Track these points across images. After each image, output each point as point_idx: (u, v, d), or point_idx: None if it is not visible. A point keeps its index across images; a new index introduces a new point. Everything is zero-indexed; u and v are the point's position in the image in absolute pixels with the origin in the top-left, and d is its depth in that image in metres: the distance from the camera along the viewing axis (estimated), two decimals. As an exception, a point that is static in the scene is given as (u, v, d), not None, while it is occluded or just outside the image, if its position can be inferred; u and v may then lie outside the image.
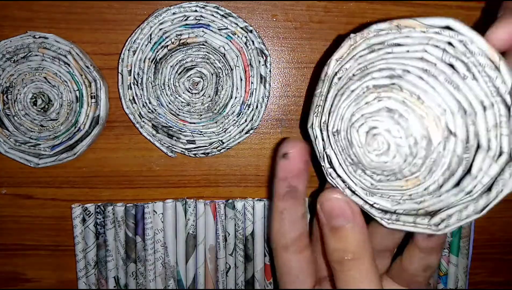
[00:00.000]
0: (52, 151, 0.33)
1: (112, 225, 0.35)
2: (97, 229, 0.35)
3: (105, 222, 0.34)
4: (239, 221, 0.35)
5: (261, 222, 0.35)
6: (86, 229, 0.35)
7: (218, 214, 0.35)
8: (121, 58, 0.31)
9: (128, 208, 0.34)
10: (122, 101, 0.32)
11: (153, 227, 0.35)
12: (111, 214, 0.34)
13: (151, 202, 0.35)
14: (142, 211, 0.34)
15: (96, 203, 0.35)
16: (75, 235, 0.35)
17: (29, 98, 0.32)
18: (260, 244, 0.35)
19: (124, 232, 0.35)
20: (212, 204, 0.35)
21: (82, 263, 0.35)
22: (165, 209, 0.35)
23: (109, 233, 0.35)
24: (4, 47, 0.31)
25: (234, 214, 0.35)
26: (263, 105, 0.32)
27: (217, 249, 0.35)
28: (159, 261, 0.35)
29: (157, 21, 0.31)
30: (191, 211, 0.35)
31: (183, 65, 0.32)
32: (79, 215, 0.35)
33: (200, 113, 0.32)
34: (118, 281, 0.35)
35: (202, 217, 0.35)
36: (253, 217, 0.35)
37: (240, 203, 0.35)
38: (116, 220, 0.34)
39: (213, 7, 0.31)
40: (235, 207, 0.35)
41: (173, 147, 0.33)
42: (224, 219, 0.35)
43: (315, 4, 0.33)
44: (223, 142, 0.33)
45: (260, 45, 0.32)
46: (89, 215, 0.35)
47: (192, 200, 0.35)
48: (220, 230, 0.35)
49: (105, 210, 0.34)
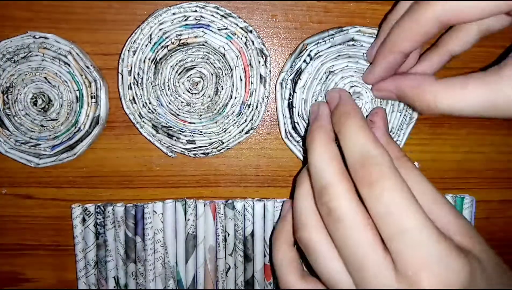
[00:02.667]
0: (52, 151, 0.33)
1: (112, 225, 0.35)
2: (97, 229, 0.35)
3: (105, 222, 0.35)
4: (239, 222, 0.35)
5: (260, 223, 0.35)
6: (86, 229, 0.35)
7: (218, 214, 0.35)
8: (121, 58, 0.31)
9: (128, 208, 0.34)
10: (122, 101, 0.32)
11: (153, 227, 0.35)
12: (111, 214, 0.34)
13: (151, 202, 0.35)
14: (142, 211, 0.34)
15: (96, 203, 0.35)
16: (75, 235, 0.35)
17: (29, 98, 0.32)
18: (260, 244, 0.35)
19: (124, 232, 0.35)
20: (212, 204, 0.35)
21: (82, 263, 0.35)
22: (165, 209, 0.35)
23: (109, 233, 0.35)
24: (4, 47, 0.31)
25: (234, 214, 0.35)
26: (263, 105, 0.32)
27: (217, 249, 0.35)
28: (158, 261, 0.35)
29: (157, 21, 0.31)
30: (190, 211, 0.35)
31: (183, 65, 0.32)
32: (79, 215, 0.35)
33: (200, 113, 0.32)
34: (118, 281, 0.35)
35: (202, 217, 0.35)
36: (253, 218, 0.35)
37: (240, 203, 0.35)
38: (116, 220, 0.34)
39: (213, 7, 0.31)
40: (234, 207, 0.35)
41: (173, 147, 0.33)
42: (224, 219, 0.35)
43: (315, 4, 0.33)
44: (223, 142, 0.33)
45: (260, 45, 0.32)
46: (89, 215, 0.35)
47: (192, 200, 0.35)
48: (220, 230, 0.35)
49: (105, 210, 0.34)
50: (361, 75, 0.31)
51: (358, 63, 0.31)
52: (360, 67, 0.31)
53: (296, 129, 0.33)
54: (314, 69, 0.31)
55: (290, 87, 0.32)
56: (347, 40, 0.31)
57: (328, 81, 0.31)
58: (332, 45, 0.31)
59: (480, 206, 0.36)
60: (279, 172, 0.35)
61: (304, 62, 0.31)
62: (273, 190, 0.36)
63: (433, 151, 0.35)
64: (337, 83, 0.31)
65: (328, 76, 0.31)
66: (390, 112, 0.32)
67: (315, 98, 0.31)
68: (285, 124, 0.33)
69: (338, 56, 0.31)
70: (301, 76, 0.31)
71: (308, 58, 0.31)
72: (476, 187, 0.36)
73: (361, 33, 0.31)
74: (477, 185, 0.33)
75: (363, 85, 0.31)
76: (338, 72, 0.31)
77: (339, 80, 0.31)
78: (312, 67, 0.31)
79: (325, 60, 0.31)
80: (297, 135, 0.33)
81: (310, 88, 0.31)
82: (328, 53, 0.31)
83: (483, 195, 0.36)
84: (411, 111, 0.32)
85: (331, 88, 0.31)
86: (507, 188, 0.37)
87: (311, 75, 0.31)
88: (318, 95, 0.32)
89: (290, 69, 0.32)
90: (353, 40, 0.31)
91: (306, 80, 0.31)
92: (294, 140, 0.33)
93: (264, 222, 0.35)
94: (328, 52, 0.31)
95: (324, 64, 0.31)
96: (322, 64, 0.31)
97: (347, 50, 0.31)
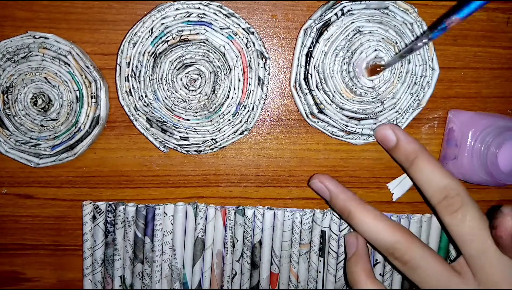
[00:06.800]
0: (53, 151, 0.33)
1: (122, 224, 0.35)
2: (106, 228, 0.35)
3: (115, 221, 0.35)
4: (248, 229, 0.35)
5: (270, 231, 0.35)
6: (95, 227, 0.35)
7: (228, 220, 0.35)
8: (120, 49, 0.31)
9: (139, 208, 0.34)
10: (119, 93, 0.32)
11: (162, 229, 0.35)
12: (122, 213, 0.34)
13: (153, 203, 0.35)
14: (153, 212, 0.34)
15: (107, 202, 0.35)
16: (84, 232, 0.35)
17: (30, 98, 0.32)
18: (267, 252, 0.35)
19: (133, 232, 0.35)
20: (223, 210, 0.35)
21: (89, 260, 0.35)
22: (176, 212, 0.35)
23: (119, 232, 0.35)
24: (4, 47, 0.31)
25: (244, 221, 0.35)
26: (259, 108, 0.32)
27: (225, 255, 0.35)
28: (166, 263, 0.35)
29: (159, 15, 0.31)
30: (201, 216, 0.35)
31: (182, 61, 0.32)
32: (90, 212, 0.35)
33: (195, 110, 0.32)
34: (124, 280, 0.35)
35: (211, 222, 0.35)
36: (262, 225, 0.35)
37: (251, 210, 0.35)
38: (126, 220, 0.34)
39: (217, 6, 0.31)
40: (245, 214, 0.35)
41: (166, 142, 0.33)
42: (234, 226, 0.35)
43: (315, 4, 0.33)
44: (216, 141, 0.33)
45: (260, 48, 0.32)
46: (100, 213, 0.35)
47: (203, 205, 0.35)
48: (229, 236, 0.35)
49: (116, 209, 0.34)
50: (388, 44, 0.31)
51: (387, 32, 0.31)
52: (389, 36, 0.31)
53: (307, 80, 0.32)
54: (343, 25, 0.31)
55: (314, 36, 0.31)
56: (382, 7, 0.31)
57: (353, 39, 0.31)
58: (366, 7, 0.31)
59: (480, 206, 0.36)
60: (279, 172, 0.35)
61: (335, 15, 0.31)
62: (273, 190, 0.36)
63: (433, 150, 0.35)
64: (362, 43, 0.31)
65: (355, 34, 0.31)
66: (404, 92, 0.32)
67: (336, 53, 0.31)
68: (298, 72, 0.32)
69: (370, 19, 0.31)
70: (329, 28, 0.31)
71: (340, 13, 0.31)
72: (476, 187, 0.35)
73: (397, 6, 0.31)
74: (477, 184, 0.33)
75: (388, 52, 0.31)
76: (366, 34, 0.31)
77: (366, 41, 0.31)
78: (342, 22, 0.31)
79: (356, 19, 0.31)
80: (306, 87, 0.32)
81: (334, 42, 0.31)
82: (361, 13, 0.31)
83: (483, 195, 0.36)
84: (421, 97, 0.32)
85: (356, 47, 0.31)
86: (507, 188, 0.37)
87: (339, 29, 0.31)
88: (340, 50, 0.31)
89: (319, 18, 0.31)
90: (388, 9, 0.31)
91: (332, 33, 0.31)
92: (301, 92, 0.32)
93: (273, 231, 0.35)
94: (361, 12, 0.31)
95: (354, 23, 0.31)
96: (353, 22, 0.31)
97: (380, 16, 0.31)
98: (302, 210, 0.35)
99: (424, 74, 0.32)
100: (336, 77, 0.31)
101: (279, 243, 0.35)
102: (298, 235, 0.35)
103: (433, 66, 0.32)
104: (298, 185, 0.36)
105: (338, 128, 0.33)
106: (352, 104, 0.32)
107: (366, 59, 0.31)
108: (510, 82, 0.35)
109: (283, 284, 0.36)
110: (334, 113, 0.32)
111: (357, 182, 0.36)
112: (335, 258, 0.35)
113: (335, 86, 0.31)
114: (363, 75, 0.31)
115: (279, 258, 0.35)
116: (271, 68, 0.34)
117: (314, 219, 0.35)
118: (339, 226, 0.35)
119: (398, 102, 0.32)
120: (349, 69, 0.31)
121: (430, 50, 0.32)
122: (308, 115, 0.33)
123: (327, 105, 0.32)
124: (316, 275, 0.36)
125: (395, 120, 0.33)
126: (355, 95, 0.32)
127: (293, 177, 0.35)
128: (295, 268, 0.36)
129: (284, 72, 0.34)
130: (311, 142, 0.35)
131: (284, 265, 0.35)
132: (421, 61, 0.32)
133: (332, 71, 0.31)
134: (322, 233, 0.35)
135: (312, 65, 0.31)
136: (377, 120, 0.32)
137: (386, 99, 0.32)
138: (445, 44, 0.34)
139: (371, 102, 0.32)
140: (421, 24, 0.31)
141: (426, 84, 0.32)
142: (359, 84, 0.31)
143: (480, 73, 0.34)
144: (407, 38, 0.31)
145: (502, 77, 0.35)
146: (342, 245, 0.35)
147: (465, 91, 0.35)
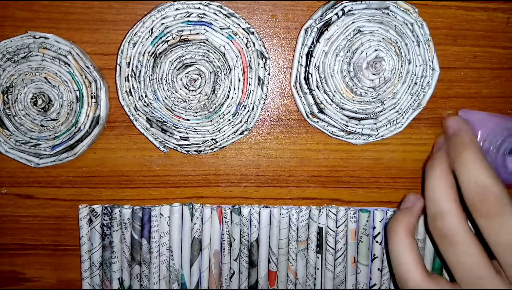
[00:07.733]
0: (53, 151, 0.33)
1: (119, 227, 0.35)
2: (103, 230, 0.35)
3: (112, 223, 0.34)
4: (245, 227, 0.35)
5: (266, 229, 0.35)
6: (92, 230, 0.35)
7: (224, 220, 0.35)
8: (120, 49, 0.31)
9: (135, 210, 0.34)
10: (119, 93, 0.32)
11: (159, 230, 0.35)
12: (118, 216, 0.34)
13: (154, 204, 0.35)
14: (148, 213, 0.34)
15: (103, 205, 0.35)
16: (81, 236, 0.35)
17: (30, 98, 0.32)
18: (265, 250, 0.35)
19: (130, 234, 0.35)
20: (219, 209, 0.35)
21: (87, 263, 0.35)
22: (172, 212, 0.35)
23: (115, 234, 0.35)
24: (4, 47, 0.31)
25: (240, 220, 0.35)
26: (259, 108, 0.32)
27: (222, 254, 0.35)
28: (163, 264, 0.35)
29: (159, 15, 0.31)
30: (197, 216, 0.35)
31: (182, 61, 0.32)
32: (86, 216, 0.35)
33: (195, 110, 0.32)
34: (123, 282, 0.35)
35: (208, 222, 0.35)
36: (259, 224, 0.35)
37: (247, 209, 0.35)
38: (122, 222, 0.34)
39: (217, 6, 0.31)
40: (241, 213, 0.35)
41: (166, 142, 0.33)
42: (230, 225, 0.35)
43: (315, 4, 0.33)
44: (217, 141, 0.33)
45: (260, 48, 0.32)
46: (96, 216, 0.35)
47: (199, 205, 0.35)
48: (226, 235, 0.35)
49: (112, 211, 0.34)
50: (388, 44, 0.31)
51: (388, 32, 0.31)
52: (389, 36, 0.31)
53: (307, 80, 0.32)
54: (344, 25, 0.31)
55: (314, 36, 0.31)
56: (382, 7, 0.31)
57: (354, 39, 0.31)
58: (367, 7, 0.31)
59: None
60: (279, 172, 0.35)
61: (336, 15, 0.31)
62: (273, 190, 0.36)
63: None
64: (363, 43, 0.31)
65: (355, 34, 0.31)
66: (404, 92, 0.32)
67: (336, 53, 0.31)
68: (298, 72, 0.32)
69: (370, 19, 0.31)
70: (329, 28, 0.31)
71: (341, 13, 0.31)
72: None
73: (398, 6, 0.31)
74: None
75: (388, 52, 0.31)
76: (366, 34, 0.31)
77: (366, 41, 0.31)
78: (343, 22, 0.31)
79: (357, 19, 0.31)
80: (307, 87, 0.32)
81: (335, 42, 0.31)
82: (362, 13, 0.31)
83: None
84: (421, 97, 0.32)
85: (356, 47, 0.31)
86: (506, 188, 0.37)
87: (339, 29, 0.31)
88: (341, 49, 0.31)
89: (320, 18, 0.31)
90: (388, 9, 0.31)
91: (333, 33, 0.31)
92: (302, 92, 0.32)
93: (270, 229, 0.35)
94: (361, 12, 0.31)
95: (354, 23, 0.31)
96: (353, 22, 0.31)
97: (380, 16, 0.31)
98: (298, 207, 0.35)
99: (424, 75, 0.32)
100: (336, 77, 0.31)
101: (276, 241, 0.35)
102: (295, 232, 0.35)
103: (434, 67, 0.32)
104: (298, 185, 0.36)
105: (338, 128, 0.33)
106: (352, 104, 0.32)
107: (366, 59, 0.31)
108: (510, 82, 0.35)
109: (281, 282, 0.36)
110: (334, 113, 0.32)
111: (357, 182, 0.36)
112: (332, 255, 0.35)
113: (336, 86, 0.31)
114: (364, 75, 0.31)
115: (276, 256, 0.35)
116: (271, 68, 0.34)
117: (310, 216, 0.35)
118: (336, 223, 0.35)
119: (398, 102, 0.32)
120: (350, 69, 0.31)
121: (430, 50, 0.32)
122: (308, 115, 0.33)
123: (327, 105, 0.32)
124: (314, 272, 0.36)
125: (395, 120, 0.33)
126: (356, 95, 0.32)
127: (293, 177, 0.35)
128: (293, 266, 0.36)
129: (284, 72, 0.34)
130: (311, 142, 0.35)
131: (282, 263, 0.35)
132: (422, 62, 0.32)
133: (333, 71, 0.31)
134: (319, 230, 0.35)
135: (313, 64, 0.31)
136: (377, 120, 0.32)
137: (386, 99, 0.32)
138: (445, 44, 0.34)
139: (372, 102, 0.32)
140: (421, 24, 0.31)
141: (426, 85, 0.32)
142: (359, 84, 0.32)
143: (480, 73, 0.34)
144: (407, 38, 0.31)
145: (502, 77, 0.35)
146: (339, 241, 0.35)
147: (465, 91, 0.35)
